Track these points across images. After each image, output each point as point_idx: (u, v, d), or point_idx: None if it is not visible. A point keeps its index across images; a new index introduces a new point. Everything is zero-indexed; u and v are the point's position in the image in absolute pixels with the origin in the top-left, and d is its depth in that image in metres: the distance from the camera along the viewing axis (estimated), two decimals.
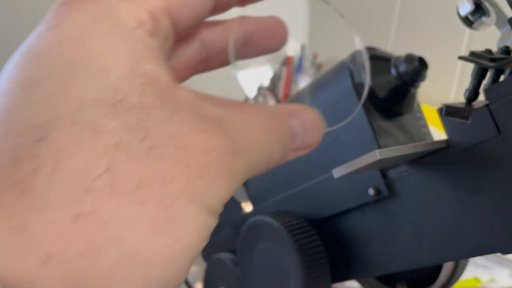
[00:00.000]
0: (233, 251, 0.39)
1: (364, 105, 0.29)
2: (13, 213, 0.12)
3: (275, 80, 1.11)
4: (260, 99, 0.42)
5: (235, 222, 0.40)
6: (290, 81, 1.08)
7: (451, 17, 0.31)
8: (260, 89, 0.42)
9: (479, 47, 0.26)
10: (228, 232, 0.41)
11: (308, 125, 0.20)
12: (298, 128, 0.19)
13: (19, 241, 0.11)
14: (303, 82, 1.06)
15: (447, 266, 0.33)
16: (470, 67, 0.26)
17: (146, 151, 0.13)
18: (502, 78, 0.25)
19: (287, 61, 1.07)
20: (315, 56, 1.08)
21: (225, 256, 0.38)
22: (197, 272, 0.50)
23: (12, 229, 0.11)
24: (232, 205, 0.40)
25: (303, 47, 1.10)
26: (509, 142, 0.23)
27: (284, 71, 1.08)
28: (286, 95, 1.08)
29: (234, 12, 0.21)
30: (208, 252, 0.43)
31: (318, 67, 1.07)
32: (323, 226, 0.33)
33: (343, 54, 0.30)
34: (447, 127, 0.25)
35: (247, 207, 0.39)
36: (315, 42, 1.16)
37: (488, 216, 0.24)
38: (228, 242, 0.41)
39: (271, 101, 0.43)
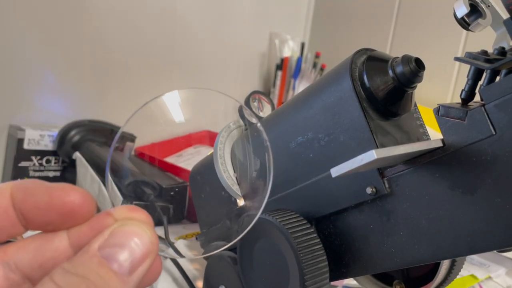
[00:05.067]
0: (232, 249, 0.40)
1: (362, 106, 0.30)
2: None
3: (269, 84, 1.10)
4: (255, 103, 0.42)
5: (232, 216, 0.40)
6: (286, 85, 1.06)
7: (447, 19, 0.31)
8: (254, 93, 0.42)
9: (475, 48, 0.27)
10: (223, 224, 0.42)
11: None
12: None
13: None
14: (301, 85, 1.04)
15: (444, 264, 0.33)
16: (466, 68, 0.26)
17: None
18: (498, 79, 0.25)
19: (282, 63, 1.05)
20: (317, 55, 1.07)
21: (225, 254, 0.38)
22: (198, 270, 0.50)
23: None
24: (228, 200, 0.40)
25: (302, 47, 1.09)
26: (505, 142, 0.23)
27: (280, 73, 1.07)
28: (282, 101, 1.07)
29: None
30: (205, 242, 0.44)
31: (321, 68, 1.04)
32: (322, 224, 0.33)
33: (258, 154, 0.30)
34: (442, 127, 0.26)
35: (242, 202, 0.39)
36: (316, 41, 1.17)
37: (484, 214, 0.24)
38: (223, 233, 0.42)
39: (266, 106, 0.42)
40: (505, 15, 0.26)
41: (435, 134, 0.29)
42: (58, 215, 0.18)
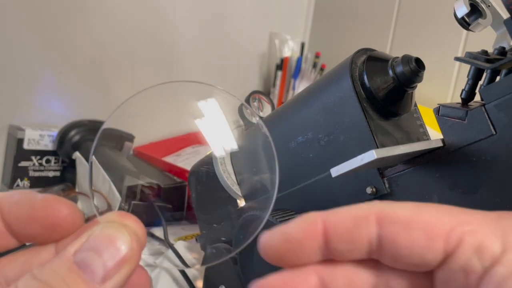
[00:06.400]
0: (229, 243, 0.40)
1: (362, 106, 0.29)
2: None
3: (269, 84, 1.10)
4: (255, 103, 0.42)
5: (232, 216, 0.40)
6: (286, 85, 1.06)
7: (447, 19, 0.31)
8: (254, 93, 0.42)
9: (475, 48, 0.26)
10: (223, 225, 0.42)
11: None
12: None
13: None
14: (301, 85, 1.04)
15: None
16: (466, 68, 0.26)
17: None
18: (498, 78, 0.25)
19: (282, 63, 1.05)
20: (317, 55, 1.06)
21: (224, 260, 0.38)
22: (198, 270, 0.50)
23: None
24: (228, 200, 0.40)
25: (302, 47, 1.09)
26: (505, 142, 0.23)
27: (280, 73, 1.06)
28: (282, 101, 1.07)
29: None
30: (206, 243, 0.44)
31: (321, 68, 1.04)
32: None
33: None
34: (442, 126, 0.26)
35: (242, 203, 0.39)
36: (316, 42, 1.17)
37: None
38: (223, 234, 0.42)
39: (266, 106, 0.42)
40: (505, 15, 0.26)
41: (435, 134, 0.29)
42: (41, 228, 0.18)
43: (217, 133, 0.31)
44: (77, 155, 0.70)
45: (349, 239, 0.17)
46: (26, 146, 0.71)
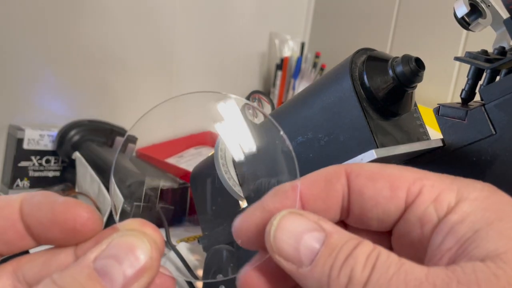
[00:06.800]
0: (230, 244, 0.40)
1: (362, 106, 0.29)
2: None
3: (269, 84, 1.10)
4: (255, 104, 0.42)
5: (234, 218, 0.40)
6: (286, 85, 1.06)
7: (447, 19, 0.31)
8: (253, 93, 0.42)
9: (475, 48, 0.26)
10: (226, 226, 0.42)
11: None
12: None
13: None
14: (301, 85, 1.04)
15: None
16: (466, 68, 0.26)
17: None
18: (498, 78, 0.25)
19: (282, 63, 1.05)
20: (317, 55, 1.06)
21: (223, 247, 0.38)
22: (199, 260, 0.51)
23: None
24: (230, 202, 0.40)
25: (302, 47, 1.09)
26: (505, 142, 0.23)
27: (280, 73, 1.06)
28: (282, 101, 1.07)
29: None
30: (208, 245, 0.44)
31: (321, 68, 1.04)
32: None
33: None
34: (442, 126, 0.26)
35: (244, 204, 0.39)
36: (316, 41, 1.17)
37: None
38: (225, 236, 0.42)
39: (266, 106, 0.42)
40: (505, 14, 0.26)
41: (435, 134, 0.29)
42: (61, 232, 0.18)
43: (230, 134, 0.31)
44: (77, 155, 0.70)
45: (324, 197, 0.18)
46: (26, 146, 0.71)
